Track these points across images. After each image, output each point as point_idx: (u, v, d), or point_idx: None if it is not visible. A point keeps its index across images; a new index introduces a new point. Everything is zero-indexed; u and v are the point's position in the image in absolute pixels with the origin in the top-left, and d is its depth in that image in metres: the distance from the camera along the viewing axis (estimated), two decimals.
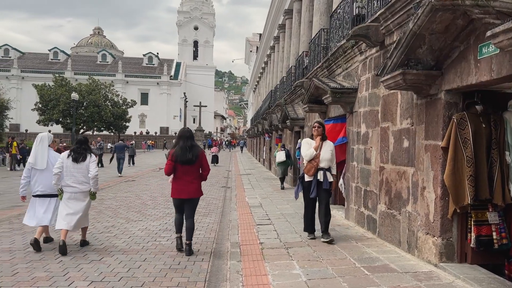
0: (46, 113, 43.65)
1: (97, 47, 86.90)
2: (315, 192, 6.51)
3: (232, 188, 14.70)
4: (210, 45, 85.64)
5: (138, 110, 64.18)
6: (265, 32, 29.98)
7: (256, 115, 36.74)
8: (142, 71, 74.66)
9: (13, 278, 4.78)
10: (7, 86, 54.81)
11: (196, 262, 5.58)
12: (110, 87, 48.18)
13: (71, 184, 6.08)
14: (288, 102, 15.38)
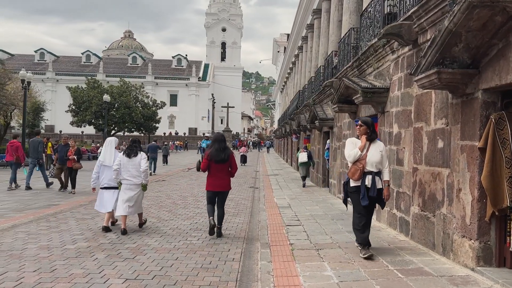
0: (79, 115, 44.95)
1: (128, 49, 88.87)
2: (366, 199, 5.59)
3: (260, 188, 14.73)
4: (237, 46, 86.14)
5: (167, 111, 65.23)
6: (293, 32, 29.90)
7: (283, 116, 36.66)
8: (171, 73, 75.85)
9: (51, 275, 4.94)
10: (43, 89, 56.76)
11: (227, 262, 5.62)
12: (140, 89, 49.18)
13: (127, 178, 7.33)
14: (317, 102, 15.27)
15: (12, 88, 31.28)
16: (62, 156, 13.20)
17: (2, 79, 28.28)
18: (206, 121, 74.89)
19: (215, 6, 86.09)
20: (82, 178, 15.48)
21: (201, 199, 11.82)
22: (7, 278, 4.77)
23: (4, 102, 26.43)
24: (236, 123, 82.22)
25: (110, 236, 7.04)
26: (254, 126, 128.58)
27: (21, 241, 6.62)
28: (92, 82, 47.15)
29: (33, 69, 57.82)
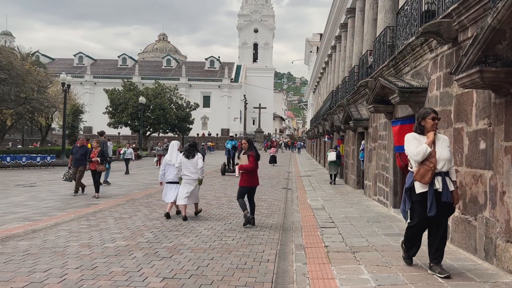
0: (116, 116, 46.22)
1: (162, 52, 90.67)
2: (435, 208, 4.69)
3: (293, 189, 14.68)
4: (269, 47, 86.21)
5: (200, 112, 66.08)
6: (326, 32, 29.63)
7: (316, 116, 36.38)
8: (204, 75, 76.81)
9: (93, 272, 5.10)
10: (81, 91, 58.70)
11: (262, 263, 5.63)
12: (175, 91, 50.08)
13: (186, 174, 8.74)
14: (351, 103, 15.07)
15: (53, 91, 32.62)
16: (77, 159, 12.55)
17: (44, 82, 29.49)
18: (238, 122, 75.37)
19: (247, 7, 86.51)
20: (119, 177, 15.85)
21: (235, 199, 11.87)
22: (52, 275, 4.97)
23: (46, 104, 27.53)
24: (268, 124, 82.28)
25: (148, 235, 7.21)
26: (286, 126, 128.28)
27: (64, 238, 6.87)
28: (128, 85, 48.38)
29: (72, 73, 59.98)
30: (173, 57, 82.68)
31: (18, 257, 5.69)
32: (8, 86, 24.54)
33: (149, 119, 45.81)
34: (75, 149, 12.88)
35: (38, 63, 41.84)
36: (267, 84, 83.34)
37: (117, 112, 46.13)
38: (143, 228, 7.84)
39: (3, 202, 11.00)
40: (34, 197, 12.03)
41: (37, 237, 6.94)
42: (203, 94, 74.26)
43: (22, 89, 25.49)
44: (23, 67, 27.38)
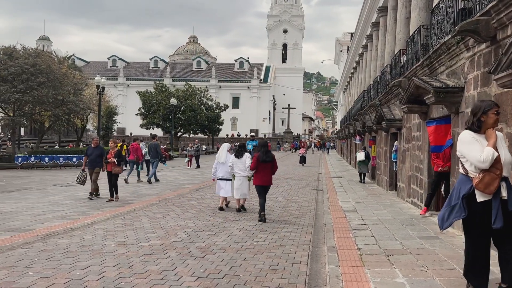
0: (148, 118, 47.17)
1: (192, 54, 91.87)
2: (501, 219, 3.85)
3: (323, 191, 14.57)
4: (299, 47, 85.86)
5: (230, 113, 66.48)
6: (356, 31, 29.25)
7: (346, 117, 35.96)
8: (234, 76, 77.34)
9: (129, 270, 5.24)
10: (115, 94, 60.26)
11: (294, 264, 5.63)
12: (205, 92, 50.63)
13: (237, 172, 9.74)
14: (383, 103, 14.82)
15: (88, 93, 33.63)
16: (93, 160, 11.91)
17: (79, 85, 30.45)
18: (267, 123, 75.45)
19: (277, 8, 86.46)
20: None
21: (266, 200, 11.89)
22: (90, 272, 5.14)
23: (82, 106, 28.41)
24: (297, 124, 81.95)
25: (181, 234, 7.33)
26: (315, 127, 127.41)
27: (100, 237, 7.09)
28: (160, 87, 49.28)
29: (106, 75, 61.71)
30: (203, 59, 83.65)
31: (58, 254, 5.91)
32: (46, 89, 25.48)
33: (180, 120, 46.51)
34: (90, 150, 12.17)
35: (74, 67, 43.27)
36: (296, 85, 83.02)
37: (149, 114, 47.06)
38: (176, 227, 7.98)
39: (43, 201, 11.44)
40: (71, 196, 12.44)
41: (75, 235, 7.19)
42: (233, 95, 74.75)
43: (59, 92, 26.40)
44: (60, 70, 28.39)
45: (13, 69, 24.43)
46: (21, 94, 24.47)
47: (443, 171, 8.49)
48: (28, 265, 5.39)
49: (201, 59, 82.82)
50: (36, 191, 14.08)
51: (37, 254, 5.93)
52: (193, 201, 11.74)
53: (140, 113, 48.64)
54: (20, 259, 5.66)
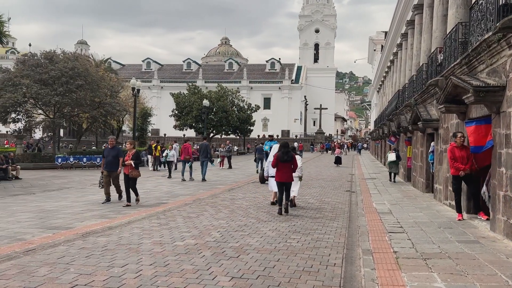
0: (181, 119, 47.92)
1: (224, 56, 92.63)
2: None
3: (357, 192, 14.36)
4: (331, 47, 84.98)
5: (261, 114, 66.54)
6: (391, 29, 28.67)
7: (380, 117, 35.30)
8: (265, 77, 77.39)
9: (165, 269, 5.35)
10: (149, 96, 61.56)
11: (328, 267, 5.58)
12: (236, 93, 50.92)
13: None
14: (419, 102, 14.45)
15: (124, 95, 34.51)
16: (109, 162, 11.15)
17: (116, 87, 31.29)
18: (298, 123, 75.06)
19: (309, 8, 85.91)
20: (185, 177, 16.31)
21: (297, 201, 11.86)
22: (128, 270, 5.27)
23: (118, 108, 29.17)
24: (329, 124, 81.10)
25: (215, 234, 7.41)
26: (348, 127, 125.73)
27: (137, 236, 7.26)
28: (193, 88, 49.95)
29: (141, 78, 63.12)
30: (235, 60, 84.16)
31: (97, 252, 6.10)
32: (84, 92, 26.33)
33: (212, 121, 46.98)
34: (107, 151, 11.43)
35: (110, 69, 44.49)
36: (328, 85, 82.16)
37: (182, 115, 47.78)
38: (210, 227, 8.07)
39: (82, 200, 11.83)
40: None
41: (113, 234, 7.40)
42: (264, 96, 74.80)
43: (97, 94, 27.22)
44: (97, 73, 29.28)
45: (53, 73, 25.39)
46: (60, 96, 25.39)
47: (464, 174, 8.41)
48: (69, 262, 5.59)
49: (233, 61, 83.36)
50: (75, 190, 14.58)
51: (78, 251, 6.14)
52: (226, 201, 11.84)
53: (173, 115, 49.45)
54: (62, 256, 5.88)
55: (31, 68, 26.15)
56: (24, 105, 26.72)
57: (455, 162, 8.53)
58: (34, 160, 25.69)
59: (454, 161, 8.57)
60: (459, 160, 8.49)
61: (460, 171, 8.45)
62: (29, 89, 24.77)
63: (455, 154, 8.59)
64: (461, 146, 8.58)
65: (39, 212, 9.70)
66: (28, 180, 17.84)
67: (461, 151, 8.53)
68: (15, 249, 6.19)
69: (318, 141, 65.53)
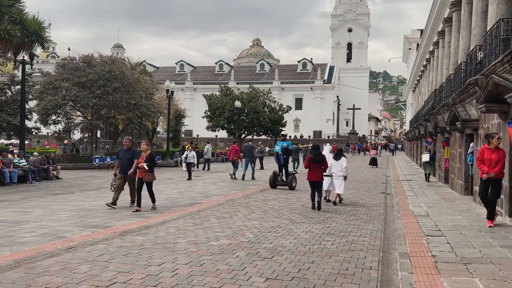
0: (214, 120, 48.41)
1: (256, 57, 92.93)
2: None
3: (392, 194, 14.07)
4: (364, 46, 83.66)
5: (292, 115, 66.32)
6: (427, 27, 27.92)
7: (416, 117, 34.43)
8: (297, 77, 77.10)
9: (201, 268, 5.41)
10: (183, 97, 62.51)
11: (364, 270, 5.49)
12: (268, 94, 50.96)
13: (335, 172, 11.43)
14: (458, 102, 14.00)
15: (158, 97, 35.22)
16: (124, 164, 10.41)
17: (150, 89, 31.97)
18: (330, 124, 74.29)
19: (341, 7, 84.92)
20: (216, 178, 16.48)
21: (330, 204, 11.75)
22: (165, 269, 5.37)
23: (153, 110, 29.80)
24: (362, 125, 79.82)
25: (248, 235, 7.44)
26: (382, 128, 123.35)
27: (172, 235, 7.39)
28: (225, 90, 50.39)
29: (174, 80, 64.08)
30: (266, 61, 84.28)
31: (135, 251, 6.25)
32: (120, 94, 27.05)
33: (243, 122, 47.24)
34: (121, 153, 10.65)
35: (145, 72, 45.49)
36: (362, 84, 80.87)
37: (214, 116, 48.28)
38: (244, 228, 8.11)
39: (119, 199, 12.13)
40: (144, 196, 13.03)
41: (149, 233, 7.56)
42: (295, 97, 74.51)
43: (132, 96, 27.90)
44: (133, 76, 30.01)
45: (91, 76, 26.23)
46: (98, 99, 26.19)
47: (489, 177, 8.03)
48: (108, 260, 5.75)
49: (264, 62, 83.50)
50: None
51: (116, 250, 6.31)
52: (258, 202, 11.86)
53: (206, 116, 50.04)
54: (101, 254, 6.06)
55: (70, 71, 27.12)
56: (64, 107, 27.71)
57: (481, 164, 8.20)
58: (73, 161, 26.62)
59: (480, 162, 8.24)
60: (486, 162, 8.12)
61: (483, 174, 8.09)
62: (69, 92, 25.68)
63: (483, 156, 8.24)
64: (494, 149, 8.19)
65: (78, 211, 10.04)
66: (68, 179, 18.49)
67: (492, 154, 8.12)
68: (57, 246, 6.43)
69: (351, 142, 64.63)
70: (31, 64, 19.95)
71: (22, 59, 18.80)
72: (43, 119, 28.06)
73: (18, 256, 5.82)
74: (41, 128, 36.22)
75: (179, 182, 17.32)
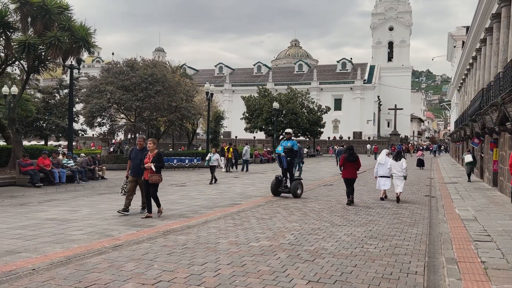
0: (252, 121, 48.68)
1: (294, 58, 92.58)
2: None
3: (437, 197, 13.62)
4: (406, 45, 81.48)
5: (331, 115, 65.57)
6: (473, 24, 26.81)
7: (461, 117, 33.13)
8: (336, 77, 76.14)
9: (243, 269, 5.45)
10: (221, 99, 63.31)
11: (409, 275, 5.34)
12: (306, 95, 50.65)
13: (395, 172, 12.62)
14: (507, 102, 13.34)
15: (198, 99, 35.82)
16: (137, 165, 9.48)
17: (191, 92, 32.57)
18: (371, 125, 72.78)
19: (382, 5, 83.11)
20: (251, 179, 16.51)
21: (372, 205, 11.53)
22: (207, 269, 5.45)
23: (193, 112, 30.35)
24: (404, 125, 77.70)
25: (289, 237, 7.42)
26: (425, 128, 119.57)
27: (214, 235, 7.48)
28: (263, 91, 50.56)
29: (213, 82, 65.12)
30: (305, 62, 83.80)
31: (178, 250, 6.38)
32: (162, 97, 27.73)
33: (281, 124, 47.18)
34: (134, 153, 9.80)
35: (186, 75, 46.40)
36: (404, 84, 78.72)
37: (252, 118, 48.54)
38: (284, 229, 8.10)
39: (162, 199, 12.35)
40: (186, 196, 13.34)
41: (191, 233, 7.69)
42: (334, 97, 73.57)
43: (173, 99, 28.54)
44: (174, 79, 30.69)
45: (134, 80, 27.06)
46: (141, 101, 26.98)
47: None
48: (153, 258, 5.91)
49: (303, 62, 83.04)
50: None
51: (160, 248, 6.47)
52: (298, 203, 11.80)
53: (244, 117, 50.38)
54: (146, 252, 6.23)
55: (114, 75, 28.10)
56: (109, 110, 28.75)
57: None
58: (117, 161, 27.53)
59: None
60: None
61: None
62: (113, 95, 26.62)
63: None
64: None
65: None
66: (112, 180, 19.14)
67: None
68: (105, 244, 6.67)
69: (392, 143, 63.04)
70: (79, 68, 20.86)
71: (70, 64, 19.68)
72: (89, 121, 29.22)
73: (69, 253, 6.09)
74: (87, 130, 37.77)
75: (218, 183, 17.53)
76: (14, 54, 17.62)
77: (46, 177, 16.33)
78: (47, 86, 39.24)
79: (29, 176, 15.90)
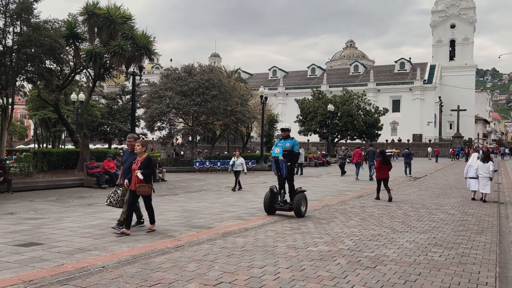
0: (306, 124, 48.37)
1: (350, 59, 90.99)
2: None
3: (506, 204, 12.78)
4: (469, 42, 77.42)
5: (389, 117, 63.62)
6: None
7: None
8: (394, 78, 73.90)
9: (302, 273, 5.43)
10: (275, 102, 63.55)
11: (479, 286, 5.05)
12: (362, 97, 49.53)
13: (481, 173, 13.20)
14: None
15: (252, 103, 36.23)
16: (127, 170, 8.01)
17: (245, 96, 33.02)
18: (432, 127, 69.74)
19: (442, 2, 79.59)
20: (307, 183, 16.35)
21: (435, 211, 11.04)
22: (267, 272, 5.48)
23: (247, 115, 30.73)
24: (468, 127, 73.72)
25: (348, 242, 7.28)
26: (491, 130, 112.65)
27: (271, 239, 7.51)
28: (317, 93, 50.11)
29: (267, 85, 65.55)
30: (361, 63, 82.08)
31: (237, 252, 6.47)
32: (218, 101, 28.35)
33: (337, 126, 46.48)
34: (125, 156, 8.45)
35: (240, 79, 47.06)
36: (467, 83, 74.75)
37: (306, 120, 48.22)
38: (342, 235, 7.96)
39: (219, 202, 12.71)
40: (242, 199, 13.52)
41: (249, 235, 7.77)
42: (392, 98, 71.37)
43: (229, 103, 29.08)
44: (229, 83, 31.28)
45: (192, 85, 27.90)
46: (198, 106, 27.75)
47: None
48: (214, 259, 6.03)
49: (359, 63, 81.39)
50: (212, 192, 15.73)
51: (220, 250, 6.60)
52: (356, 208, 11.55)
53: (298, 120, 50.17)
54: (207, 253, 6.38)
55: (173, 81, 29.13)
56: (168, 114, 29.83)
57: None
58: (176, 164, 28.48)
59: None
60: None
61: None
62: (172, 100, 27.59)
63: None
64: None
65: (183, 211, 10.69)
66: (172, 182, 19.81)
67: None
68: (167, 244, 6.91)
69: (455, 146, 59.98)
70: (140, 75, 21.82)
71: (132, 71, 20.65)
72: (149, 125, 30.48)
73: (135, 252, 6.37)
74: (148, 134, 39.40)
75: None
76: (82, 63, 18.81)
77: (111, 179, 17.21)
78: (111, 92, 41.49)
79: (96, 178, 16.86)
